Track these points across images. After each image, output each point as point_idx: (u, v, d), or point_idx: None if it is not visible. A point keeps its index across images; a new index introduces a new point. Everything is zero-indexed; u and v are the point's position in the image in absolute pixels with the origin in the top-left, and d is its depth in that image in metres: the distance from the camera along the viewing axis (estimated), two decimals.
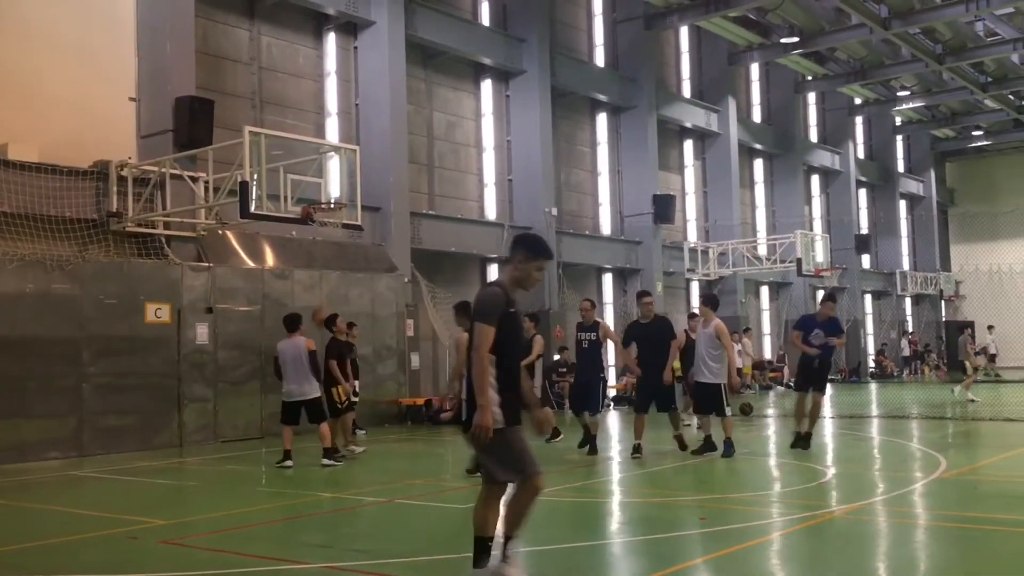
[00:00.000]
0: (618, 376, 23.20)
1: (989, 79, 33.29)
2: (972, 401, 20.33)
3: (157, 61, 15.76)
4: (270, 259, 16.91)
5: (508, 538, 5.57)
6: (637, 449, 11.77)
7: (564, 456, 12.19)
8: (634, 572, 6.37)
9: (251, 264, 16.50)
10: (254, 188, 13.41)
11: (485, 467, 5.53)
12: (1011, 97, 35.60)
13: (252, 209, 13.37)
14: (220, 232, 16.16)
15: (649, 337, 12.04)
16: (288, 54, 18.79)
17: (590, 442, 12.26)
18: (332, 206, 14.60)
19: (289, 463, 11.57)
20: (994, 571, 6.11)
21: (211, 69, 17.25)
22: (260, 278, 16.34)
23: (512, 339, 5.51)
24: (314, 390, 11.84)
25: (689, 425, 13.85)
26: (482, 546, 5.49)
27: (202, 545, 7.32)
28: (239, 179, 13.34)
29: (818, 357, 12.20)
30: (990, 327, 27.56)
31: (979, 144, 42.91)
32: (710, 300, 12.29)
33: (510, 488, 5.51)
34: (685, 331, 14.52)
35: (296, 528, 8.11)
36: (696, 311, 15.14)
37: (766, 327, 33.00)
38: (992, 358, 35.13)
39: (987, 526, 7.55)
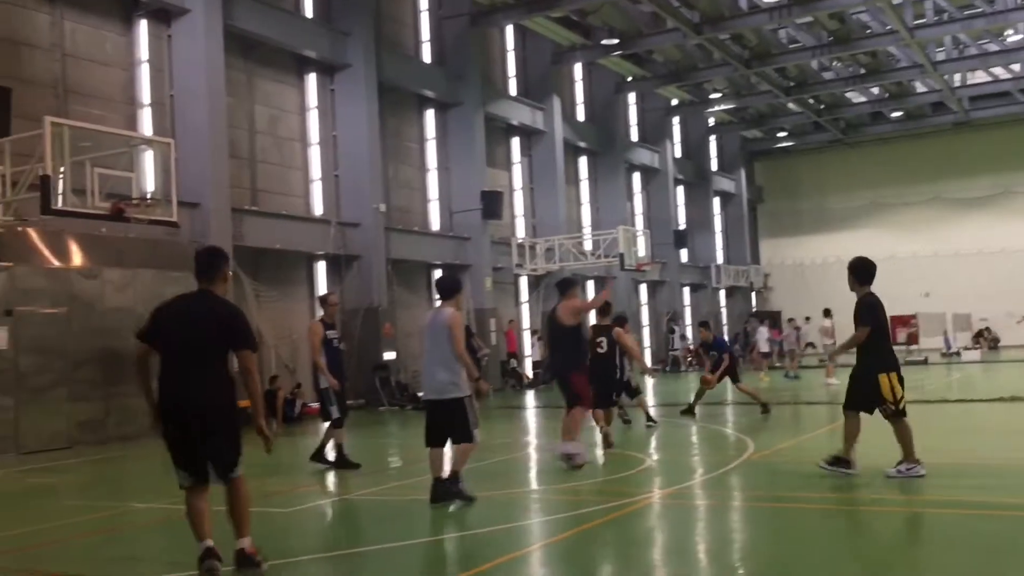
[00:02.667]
0: None
1: (791, 83, 35.56)
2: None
3: None
4: (77, 258, 15.91)
5: None
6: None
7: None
8: (460, 568, 6.40)
9: (56, 263, 15.48)
10: (59, 182, 12.60)
11: None
12: (811, 101, 38.16)
13: (55, 205, 12.55)
14: (20, 229, 15.06)
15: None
16: (95, 40, 17.72)
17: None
18: (146, 202, 13.90)
19: None
20: (796, 544, 6.53)
21: (7, 55, 16.03)
22: (66, 278, 15.36)
23: None
24: None
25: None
26: None
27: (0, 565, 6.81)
28: (40, 173, 12.48)
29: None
30: (789, 320, 28.91)
31: (784, 145, 45.76)
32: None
33: None
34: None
35: (104, 542, 7.67)
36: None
37: (592, 319, 33.90)
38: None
39: (789, 503, 8.05)
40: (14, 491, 11.01)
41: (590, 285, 33.95)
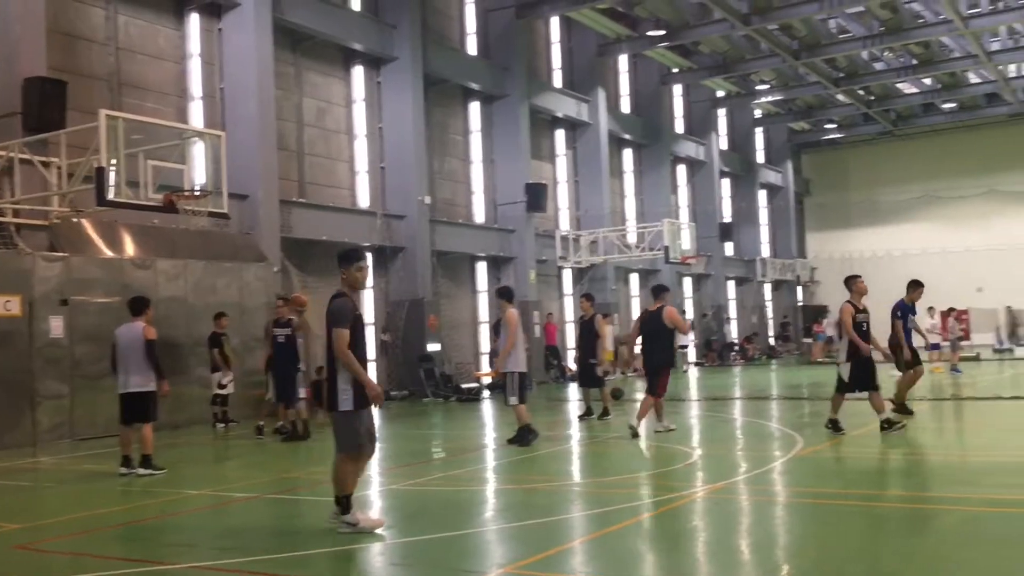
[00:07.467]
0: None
1: (841, 75, 35.00)
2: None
3: (3, 40, 14.84)
4: (130, 248, 16.22)
5: None
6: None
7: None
8: (509, 558, 6.44)
9: (109, 254, 15.79)
10: (112, 174, 12.84)
11: None
12: (860, 92, 37.53)
13: (109, 196, 12.79)
14: (75, 220, 15.39)
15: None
16: (147, 35, 18.02)
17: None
18: (197, 193, 14.12)
19: (123, 470, 10.38)
20: (846, 544, 6.46)
21: (64, 49, 16.36)
22: (119, 268, 15.66)
23: None
24: (144, 383, 10.43)
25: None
26: None
27: (59, 549, 6.98)
28: (95, 165, 12.74)
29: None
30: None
31: (832, 137, 45.09)
32: (504, 292, 12.47)
33: None
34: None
35: (160, 528, 7.83)
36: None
37: (636, 313, 33.83)
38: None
39: (839, 501, 7.97)
40: (71, 477, 11.28)
41: (634, 278, 33.82)
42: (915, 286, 13.61)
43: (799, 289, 44.52)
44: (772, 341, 40.81)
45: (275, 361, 14.12)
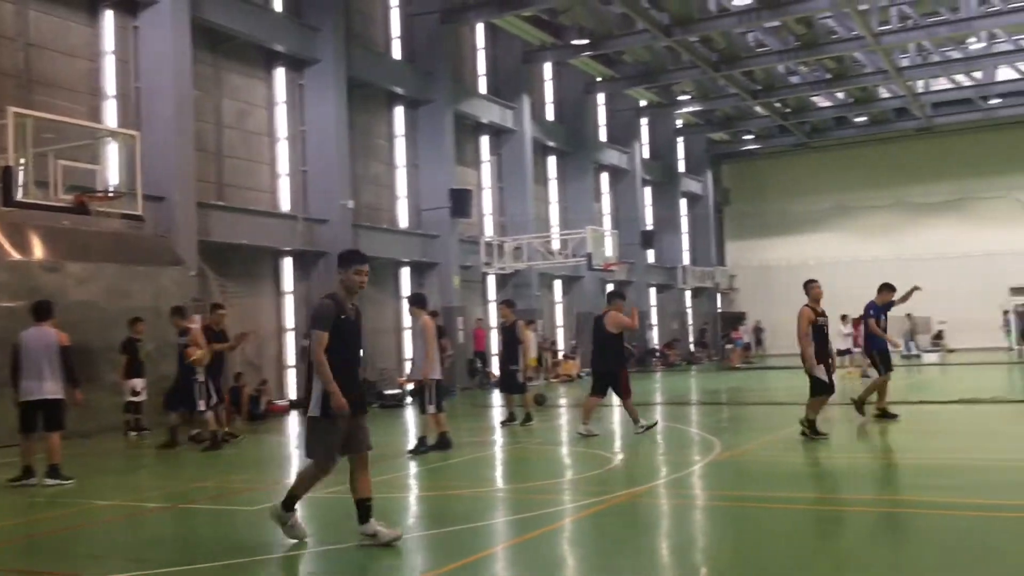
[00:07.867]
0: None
1: (758, 87, 35.84)
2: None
3: None
4: (38, 251, 15.65)
5: None
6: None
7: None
8: (430, 565, 6.39)
9: (16, 256, 15.21)
10: (20, 174, 12.40)
11: None
12: (777, 105, 38.47)
13: (17, 197, 12.36)
14: None
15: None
16: (59, 31, 17.44)
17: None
18: (110, 195, 13.72)
19: (33, 480, 10.06)
20: (763, 545, 6.59)
21: None
22: (27, 272, 15.09)
23: None
24: (59, 391, 10.23)
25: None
26: None
27: None
28: (2, 164, 12.28)
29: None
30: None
31: (750, 147, 46.11)
32: (418, 299, 12.41)
33: None
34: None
35: (68, 540, 7.55)
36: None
37: (559, 319, 34.06)
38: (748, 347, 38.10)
39: (757, 504, 8.12)
40: None
41: (557, 284, 34.03)
42: (886, 288, 13.97)
43: (718, 296, 45.38)
44: (692, 347, 41.49)
45: (177, 369, 13.69)
